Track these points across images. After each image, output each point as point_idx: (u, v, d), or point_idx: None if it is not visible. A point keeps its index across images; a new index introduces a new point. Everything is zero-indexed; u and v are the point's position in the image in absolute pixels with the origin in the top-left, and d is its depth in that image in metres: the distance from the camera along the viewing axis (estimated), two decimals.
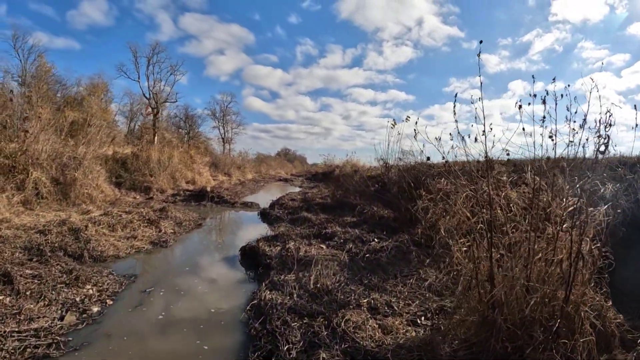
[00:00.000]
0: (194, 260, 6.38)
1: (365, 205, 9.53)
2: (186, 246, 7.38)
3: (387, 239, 6.05)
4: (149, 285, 5.12)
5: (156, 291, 4.93)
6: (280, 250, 5.64)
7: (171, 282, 5.29)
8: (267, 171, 45.66)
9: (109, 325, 3.90)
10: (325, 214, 9.83)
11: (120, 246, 6.93)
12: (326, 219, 8.46)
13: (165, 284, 5.17)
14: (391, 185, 11.96)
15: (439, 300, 4.07)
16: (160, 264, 6.31)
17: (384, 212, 8.04)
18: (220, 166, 30.02)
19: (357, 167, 27.20)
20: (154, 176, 15.09)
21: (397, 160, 13.73)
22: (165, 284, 5.20)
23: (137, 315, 4.26)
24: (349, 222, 7.94)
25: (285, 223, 9.04)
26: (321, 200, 11.67)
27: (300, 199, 13.55)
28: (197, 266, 6.07)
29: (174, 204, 13.32)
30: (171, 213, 9.83)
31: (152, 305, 4.49)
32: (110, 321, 4.03)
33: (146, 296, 4.77)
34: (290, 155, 73.53)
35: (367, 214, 8.18)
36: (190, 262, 6.31)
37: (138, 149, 16.26)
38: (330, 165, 37.27)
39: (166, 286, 5.10)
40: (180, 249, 7.18)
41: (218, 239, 8.04)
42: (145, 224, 8.06)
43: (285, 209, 11.21)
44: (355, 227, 7.49)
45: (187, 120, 50.51)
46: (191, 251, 7.04)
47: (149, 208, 10.17)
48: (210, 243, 7.72)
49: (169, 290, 4.96)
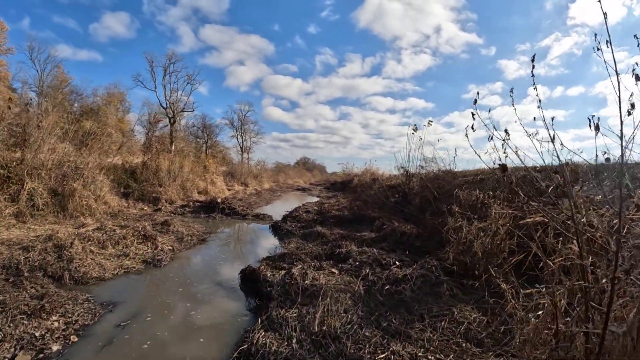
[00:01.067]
0: (186, 285, 5.55)
1: (384, 219, 8.56)
2: (182, 266, 6.58)
3: (410, 262, 5.06)
4: (126, 317, 4.31)
5: (132, 326, 4.11)
6: (284, 276, 4.73)
7: (153, 313, 4.47)
8: (285, 180, 45.10)
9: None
10: (341, 228, 8.90)
11: (108, 266, 6.20)
12: (341, 234, 7.53)
13: (145, 317, 4.35)
14: (412, 196, 10.92)
15: (480, 353, 3.07)
16: (148, 288, 5.51)
17: (405, 227, 7.06)
18: (237, 175, 29.58)
19: (376, 176, 26.20)
20: (163, 186, 14.53)
21: (418, 168, 12.73)
22: (146, 315, 4.38)
23: (101, 358, 3.45)
24: (367, 238, 6.98)
25: (296, 238, 8.16)
26: (337, 213, 10.74)
27: (316, 210, 12.66)
28: (188, 293, 5.24)
29: (182, 216, 12.69)
30: (174, 227, 9.11)
31: (123, 346, 3.67)
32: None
33: (119, 332, 3.96)
34: (309, 164, 73.14)
35: (386, 229, 7.21)
36: (181, 286, 5.48)
37: (148, 158, 15.76)
38: (349, 174, 36.35)
39: (146, 320, 4.28)
40: (175, 269, 6.38)
41: (220, 258, 7.22)
42: (140, 240, 7.33)
43: (299, 222, 10.34)
44: (373, 244, 6.54)
45: (204, 129, 50.74)
46: (186, 273, 6.22)
47: (150, 221, 9.51)
48: (210, 262, 6.90)
49: (147, 325, 4.13)
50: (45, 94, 32.17)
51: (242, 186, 28.14)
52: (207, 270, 6.37)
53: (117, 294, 5.14)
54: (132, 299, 4.95)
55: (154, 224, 9.25)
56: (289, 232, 8.97)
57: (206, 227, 10.07)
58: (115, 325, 4.11)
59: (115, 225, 7.96)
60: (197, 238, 8.55)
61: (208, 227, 10.37)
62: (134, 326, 4.11)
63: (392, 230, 6.98)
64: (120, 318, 4.29)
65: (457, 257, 4.17)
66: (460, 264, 4.16)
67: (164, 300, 4.96)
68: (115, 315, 4.41)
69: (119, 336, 3.87)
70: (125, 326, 4.09)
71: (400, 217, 9.12)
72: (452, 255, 4.28)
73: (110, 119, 33.77)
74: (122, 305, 4.68)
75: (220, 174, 24.71)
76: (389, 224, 7.41)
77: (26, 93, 32.36)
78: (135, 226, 7.78)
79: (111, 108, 35.44)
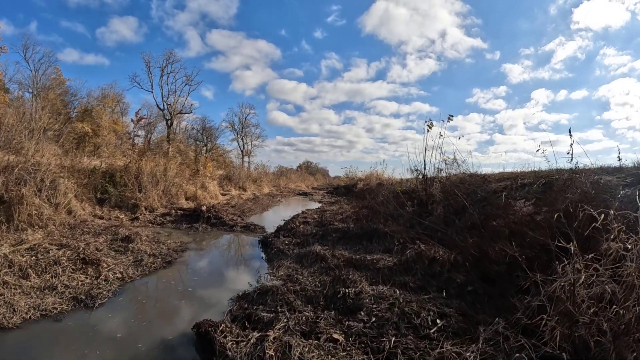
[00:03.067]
0: (112, 345, 3.67)
1: (401, 236, 6.65)
2: (121, 308, 4.70)
3: (461, 321, 3.16)
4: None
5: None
6: (252, 348, 2.83)
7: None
8: (286, 184, 43.22)
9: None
10: (346, 246, 7.01)
11: (21, 306, 4.39)
12: (347, 259, 5.62)
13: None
14: (433, 205, 8.99)
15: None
16: (59, 347, 3.64)
17: (435, 251, 5.14)
18: (235, 179, 27.69)
19: (381, 180, 24.30)
20: (143, 192, 12.70)
21: (436, 171, 10.80)
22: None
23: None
24: (382, 266, 5.08)
25: (288, 261, 6.27)
26: (341, 225, 8.84)
27: (316, 220, 10.76)
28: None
29: (160, 227, 10.87)
30: (137, 244, 7.27)
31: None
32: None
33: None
34: (312, 168, 71.49)
35: (409, 253, 5.29)
36: (105, 348, 3.60)
37: (130, 160, 13.95)
38: (352, 177, 34.49)
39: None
40: (109, 313, 4.51)
41: (178, 293, 5.34)
42: (78, 266, 5.48)
43: (294, 236, 8.45)
44: (392, 277, 4.65)
45: (204, 132, 49.11)
46: (121, 321, 4.34)
47: (111, 235, 7.68)
48: (162, 301, 5.02)
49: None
50: (37, 94, 30.62)
51: (240, 191, 26.28)
52: (152, 316, 4.48)
53: (12, 355, 3.32)
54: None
55: (114, 239, 7.42)
56: (280, 251, 7.07)
57: (181, 243, 8.21)
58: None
59: (52, 243, 6.13)
60: (162, 259, 6.67)
61: (185, 241, 8.51)
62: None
63: (417, 254, 5.07)
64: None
65: (566, 335, 2.27)
66: (575, 348, 2.24)
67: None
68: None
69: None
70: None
71: (421, 231, 7.22)
72: (559, 332, 2.36)
73: (104, 120, 32.16)
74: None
75: (214, 178, 22.91)
76: (411, 246, 5.50)
77: (23, 95, 30.85)
78: (78, 246, 5.93)
79: (105, 109, 33.82)
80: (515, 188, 7.42)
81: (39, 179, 8.70)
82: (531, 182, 7.34)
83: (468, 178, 9.11)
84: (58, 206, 9.33)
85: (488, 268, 4.38)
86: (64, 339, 3.77)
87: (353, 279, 4.37)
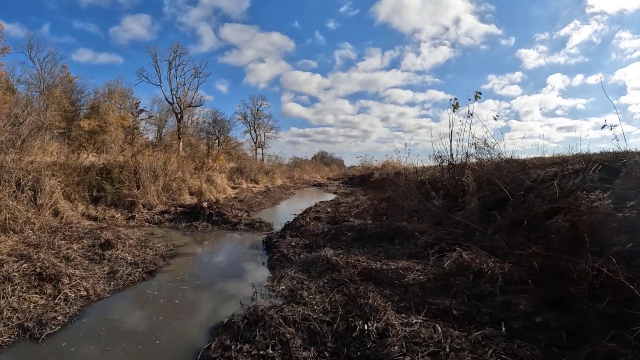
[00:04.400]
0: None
1: (431, 237, 5.42)
2: (75, 338, 3.64)
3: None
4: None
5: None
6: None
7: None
8: (300, 176, 42.15)
9: None
10: (363, 249, 5.83)
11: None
12: (364, 269, 4.43)
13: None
14: (466, 197, 7.68)
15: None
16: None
17: (483, 261, 3.90)
18: (246, 172, 26.69)
19: (398, 168, 22.89)
20: (141, 188, 11.74)
21: (464, 157, 9.43)
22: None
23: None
24: (412, 281, 3.88)
25: (293, 270, 5.13)
26: (357, 222, 7.65)
27: (329, 215, 9.61)
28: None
29: (157, 226, 9.92)
30: (116, 250, 6.27)
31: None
32: None
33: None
34: (326, 158, 70.29)
35: (446, 262, 4.07)
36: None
37: (131, 154, 13.00)
38: (368, 167, 33.14)
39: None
40: (59, 345, 3.46)
41: (151, 317, 4.26)
42: (34, 283, 4.46)
43: (302, 236, 7.31)
44: (427, 298, 3.46)
45: (215, 124, 48.30)
46: (70, 359, 3.29)
47: (92, 240, 6.71)
48: (127, 331, 3.95)
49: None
50: (43, 92, 30.14)
51: (251, 184, 25.30)
52: (111, 353, 3.41)
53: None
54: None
55: (92, 245, 6.43)
56: (284, 256, 5.92)
57: (173, 246, 7.18)
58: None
59: (12, 254, 5.14)
60: (144, 269, 5.62)
61: (178, 243, 7.48)
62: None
63: (458, 265, 3.86)
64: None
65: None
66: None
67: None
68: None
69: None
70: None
71: (453, 230, 5.98)
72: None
73: (110, 117, 31.53)
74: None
75: (223, 171, 21.96)
76: (448, 253, 4.28)
77: (31, 95, 30.44)
78: (37, 258, 4.91)
79: (112, 104, 33.17)
80: (568, 175, 6.07)
81: (16, 178, 7.76)
82: (583, 168, 5.99)
83: (504, 164, 7.75)
84: (42, 208, 8.42)
85: (561, 288, 3.14)
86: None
87: (374, 303, 3.19)
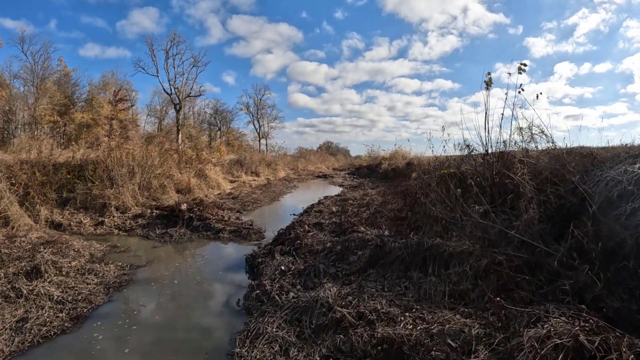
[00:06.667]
0: None
1: (480, 262, 3.60)
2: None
3: None
4: None
5: None
6: None
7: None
8: (305, 167, 40.29)
9: None
10: (381, 278, 4.04)
11: None
12: (385, 338, 2.64)
13: None
14: (520, 202, 5.66)
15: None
16: None
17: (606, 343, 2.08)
18: (246, 164, 24.90)
19: (409, 159, 20.88)
20: (115, 187, 10.02)
21: (500, 147, 7.36)
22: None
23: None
24: None
25: (276, 322, 3.35)
26: (370, 233, 5.82)
27: (333, 221, 7.81)
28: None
29: (127, 234, 8.22)
30: (44, 281, 4.54)
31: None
32: None
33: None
34: (332, 148, 68.39)
35: (531, 332, 2.26)
36: None
37: (107, 149, 11.25)
38: (375, 157, 31.14)
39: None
40: None
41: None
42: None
43: (297, 254, 5.50)
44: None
45: (217, 115, 46.48)
46: None
47: (16, 267, 5.01)
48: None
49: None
50: (35, 85, 28.53)
51: (252, 176, 23.51)
52: None
53: None
54: None
55: (17, 273, 4.71)
56: (266, 295, 4.09)
57: (130, 267, 5.46)
58: None
59: None
60: (69, 312, 3.90)
61: (137, 264, 5.75)
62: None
63: (537, 338, 2.01)
64: None
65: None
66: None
67: None
68: None
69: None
70: None
71: (507, 251, 4.17)
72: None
73: (105, 109, 29.83)
74: None
75: (220, 164, 20.21)
76: (524, 306, 2.44)
77: (28, 89, 28.89)
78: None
79: (107, 96, 31.44)
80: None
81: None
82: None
83: (566, 156, 5.71)
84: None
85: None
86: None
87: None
